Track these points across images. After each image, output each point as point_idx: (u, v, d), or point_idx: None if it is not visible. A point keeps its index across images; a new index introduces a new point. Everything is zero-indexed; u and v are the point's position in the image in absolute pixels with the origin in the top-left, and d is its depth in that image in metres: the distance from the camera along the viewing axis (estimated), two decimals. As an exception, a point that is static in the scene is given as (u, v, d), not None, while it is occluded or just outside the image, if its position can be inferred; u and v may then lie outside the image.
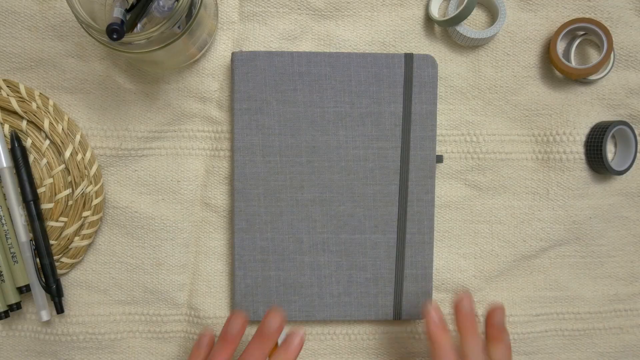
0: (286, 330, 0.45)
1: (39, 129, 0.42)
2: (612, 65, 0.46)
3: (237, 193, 0.43)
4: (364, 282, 0.43)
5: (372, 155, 0.43)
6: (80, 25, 0.34)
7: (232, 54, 0.42)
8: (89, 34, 0.34)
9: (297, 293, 0.43)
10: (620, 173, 0.45)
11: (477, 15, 0.46)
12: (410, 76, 0.43)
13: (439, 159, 0.44)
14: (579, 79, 0.45)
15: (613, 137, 0.47)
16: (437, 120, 0.46)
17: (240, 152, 0.43)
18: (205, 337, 0.40)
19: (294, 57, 0.42)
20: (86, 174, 0.42)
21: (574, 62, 0.46)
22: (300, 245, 0.43)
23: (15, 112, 0.42)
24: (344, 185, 0.43)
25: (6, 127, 0.42)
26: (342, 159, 0.43)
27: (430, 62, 0.43)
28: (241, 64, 0.42)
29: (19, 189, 0.42)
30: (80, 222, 0.43)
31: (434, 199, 0.44)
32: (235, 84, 0.42)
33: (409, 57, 0.43)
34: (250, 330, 0.45)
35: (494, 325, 0.40)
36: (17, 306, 0.42)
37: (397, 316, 0.44)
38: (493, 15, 0.46)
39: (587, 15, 0.46)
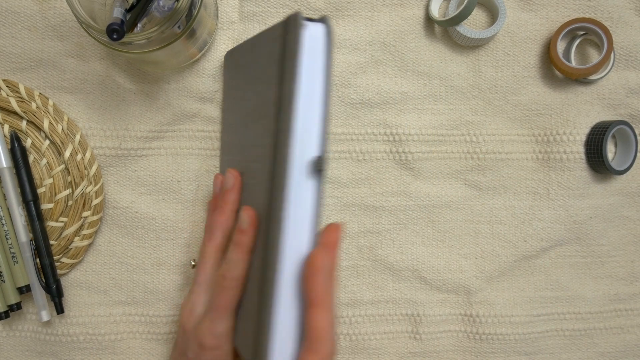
0: None
1: (39, 129, 0.42)
2: (612, 65, 0.46)
3: None
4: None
5: (260, 155, 0.32)
6: (80, 25, 0.34)
7: (225, 54, 0.43)
8: (89, 34, 0.34)
9: None
10: (621, 173, 0.45)
11: (477, 15, 0.46)
12: (287, 49, 0.29)
13: (319, 163, 0.29)
14: (579, 78, 0.45)
15: (613, 136, 0.47)
16: (438, 120, 0.45)
17: (221, 151, 0.44)
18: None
19: (239, 48, 0.39)
20: (86, 174, 0.42)
21: (574, 62, 0.46)
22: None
23: (15, 112, 0.42)
24: (250, 190, 0.35)
25: (6, 127, 0.42)
26: (252, 159, 0.34)
27: (315, 29, 0.29)
28: (225, 63, 0.43)
29: (18, 189, 0.42)
30: (80, 222, 0.43)
31: (286, 220, 0.28)
32: (222, 84, 0.44)
33: (289, 24, 0.29)
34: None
35: None
36: (17, 306, 0.42)
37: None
38: (493, 15, 0.46)
39: (587, 15, 0.46)
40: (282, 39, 0.30)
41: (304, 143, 0.29)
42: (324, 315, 0.29)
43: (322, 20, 0.30)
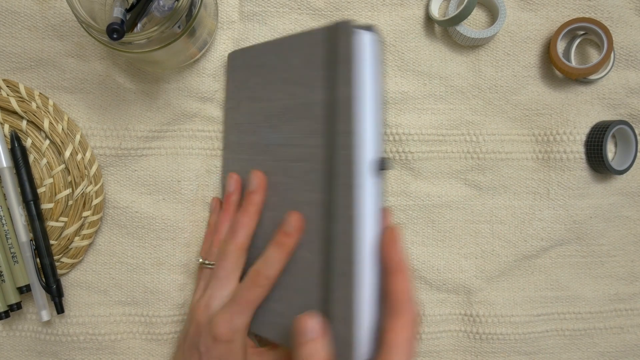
0: None
1: (39, 128, 0.42)
2: (612, 65, 0.46)
3: (224, 191, 0.43)
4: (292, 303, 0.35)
5: (307, 155, 0.35)
6: (80, 25, 0.34)
7: (228, 54, 0.43)
8: (89, 34, 0.34)
9: None
10: (621, 172, 0.45)
11: (477, 15, 0.46)
12: (341, 55, 0.32)
13: (383, 164, 0.32)
14: (579, 78, 0.45)
15: (613, 136, 0.47)
16: (438, 119, 0.45)
17: (225, 150, 0.43)
18: (215, 201, 0.43)
19: (254, 49, 0.40)
20: (86, 173, 0.42)
21: (574, 62, 0.46)
22: (256, 251, 0.37)
23: (15, 112, 0.42)
24: (286, 189, 0.36)
25: (6, 127, 0.42)
26: (286, 158, 0.36)
27: (367, 35, 0.32)
28: (230, 63, 0.43)
29: (19, 189, 0.42)
30: (80, 222, 0.43)
31: (360, 218, 0.31)
32: (226, 84, 0.44)
33: (340, 29, 0.32)
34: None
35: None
36: (18, 306, 0.42)
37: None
38: (493, 15, 0.46)
39: (587, 15, 0.46)
40: (329, 45, 0.33)
41: (367, 145, 0.32)
42: (405, 280, 0.31)
43: (369, 28, 0.32)
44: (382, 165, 0.32)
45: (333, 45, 0.33)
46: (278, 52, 0.37)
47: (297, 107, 0.36)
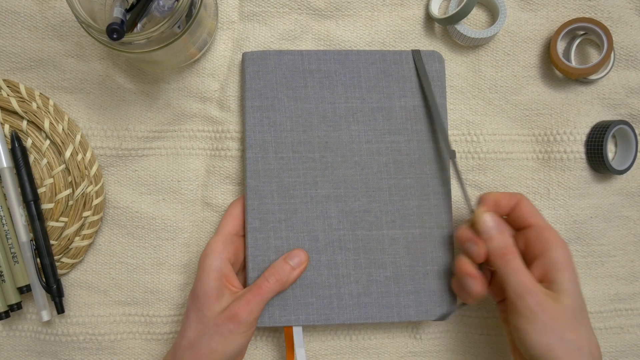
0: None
1: (39, 129, 0.42)
2: (613, 65, 0.46)
3: (250, 191, 0.42)
4: (383, 280, 0.42)
5: (385, 149, 0.42)
6: (80, 25, 0.34)
7: (243, 54, 0.43)
8: (89, 34, 0.34)
9: (315, 294, 0.41)
10: (621, 172, 0.45)
11: (478, 15, 0.46)
12: (418, 71, 0.43)
13: (452, 154, 0.42)
14: (579, 78, 0.45)
15: (613, 136, 0.47)
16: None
17: (253, 149, 0.42)
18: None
19: (304, 55, 0.43)
20: (86, 174, 0.42)
21: (574, 62, 0.46)
22: (315, 243, 0.42)
23: (15, 112, 0.42)
24: (359, 180, 0.42)
25: (6, 127, 0.42)
26: (356, 153, 0.42)
27: (437, 58, 0.44)
28: (252, 63, 0.42)
29: (19, 189, 0.42)
30: (80, 222, 0.43)
31: (451, 192, 0.43)
32: (246, 82, 0.42)
33: (416, 53, 0.43)
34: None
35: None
36: (18, 306, 0.42)
37: (420, 317, 0.42)
38: (493, 15, 0.46)
39: (587, 15, 0.46)
40: (415, 64, 0.43)
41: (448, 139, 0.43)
42: (549, 225, 0.39)
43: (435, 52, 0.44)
44: (452, 155, 0.42)
45: (421, 65, 0.43)
46: (344, 62, 0.43)
47: (370, 110, 0.43)
